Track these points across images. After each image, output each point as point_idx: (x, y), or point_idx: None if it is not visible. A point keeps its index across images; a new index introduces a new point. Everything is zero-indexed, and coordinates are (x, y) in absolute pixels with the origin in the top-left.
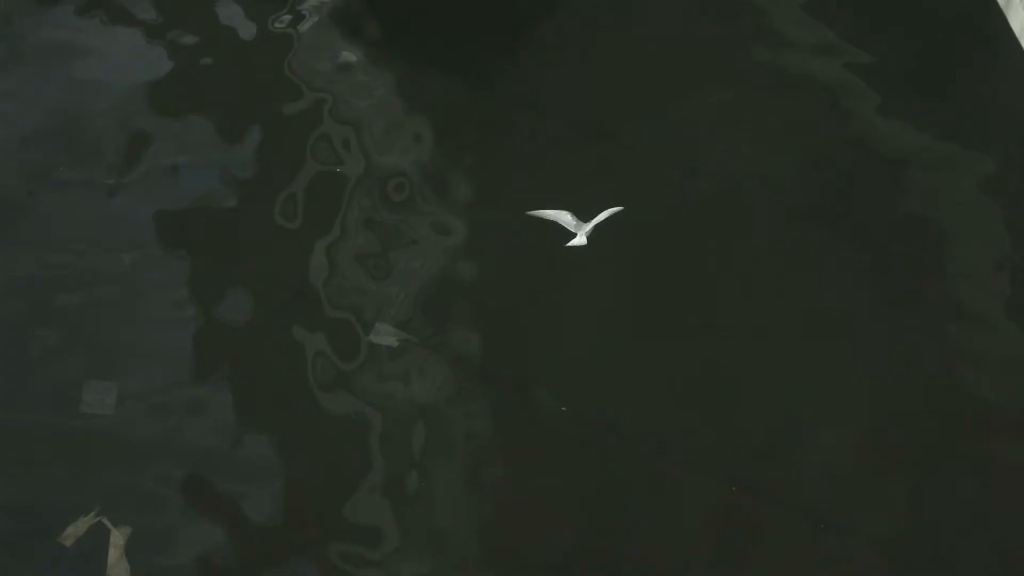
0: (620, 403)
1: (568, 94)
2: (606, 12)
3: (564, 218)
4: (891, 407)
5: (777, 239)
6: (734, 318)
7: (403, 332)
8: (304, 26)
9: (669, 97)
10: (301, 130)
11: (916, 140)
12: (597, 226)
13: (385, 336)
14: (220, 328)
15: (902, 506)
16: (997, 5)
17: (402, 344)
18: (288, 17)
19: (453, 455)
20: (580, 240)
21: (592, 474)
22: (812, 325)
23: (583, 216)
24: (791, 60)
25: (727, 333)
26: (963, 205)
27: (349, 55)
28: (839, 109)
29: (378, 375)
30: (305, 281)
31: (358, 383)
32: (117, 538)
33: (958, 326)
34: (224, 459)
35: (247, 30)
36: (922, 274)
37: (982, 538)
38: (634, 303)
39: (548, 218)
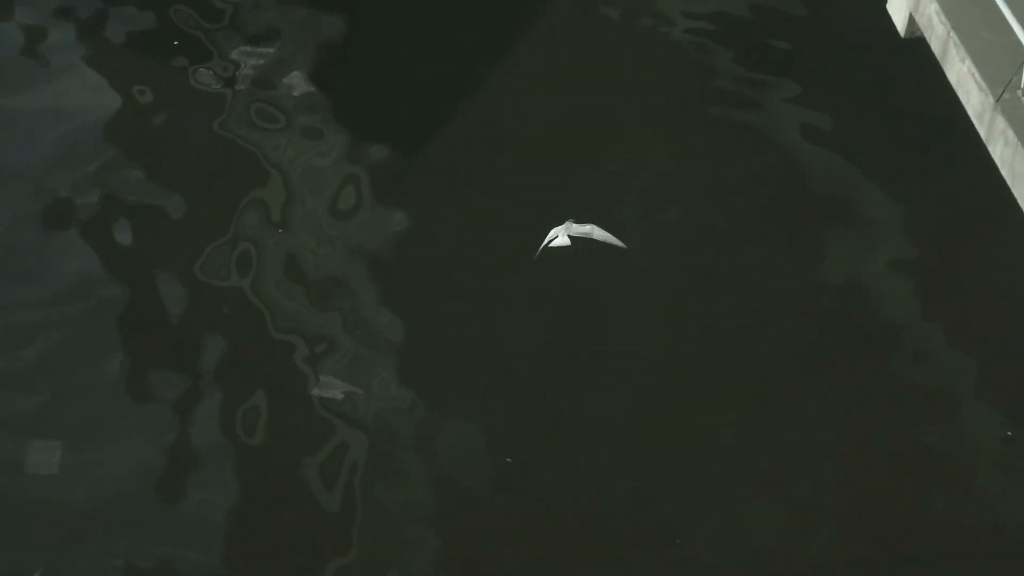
0: (554, 464)
1: (501, 162)
2: (546, 73)
3: (550, 237)
4: (839, 458)
5: (703, 302)
6: (661, 384)
7: (348, 384)
8: (240, 85)
9: (602, 157)
10: (234, 187)
11: (841, 193)
12: (583, 244)
13: (330, 388)
14: (158, 385)
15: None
16: (935, 58)
17: (347, 396)
18: (226, 76)
19: (395, 512)
20: (563, 240)
21: (528, 546)
22: (748, 389)
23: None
24: (726, 116)
25: (658, 400)
26: (888, 259)
27: (285, 114)
28: (765, 168)
29: (321, 429)
30: (246, 337)
31: (300, 438)
32: None
33: (893, 373)
34: (167, 518)
35: (184, 87)
36: (851, 326)
37: None
38: (564, 366)
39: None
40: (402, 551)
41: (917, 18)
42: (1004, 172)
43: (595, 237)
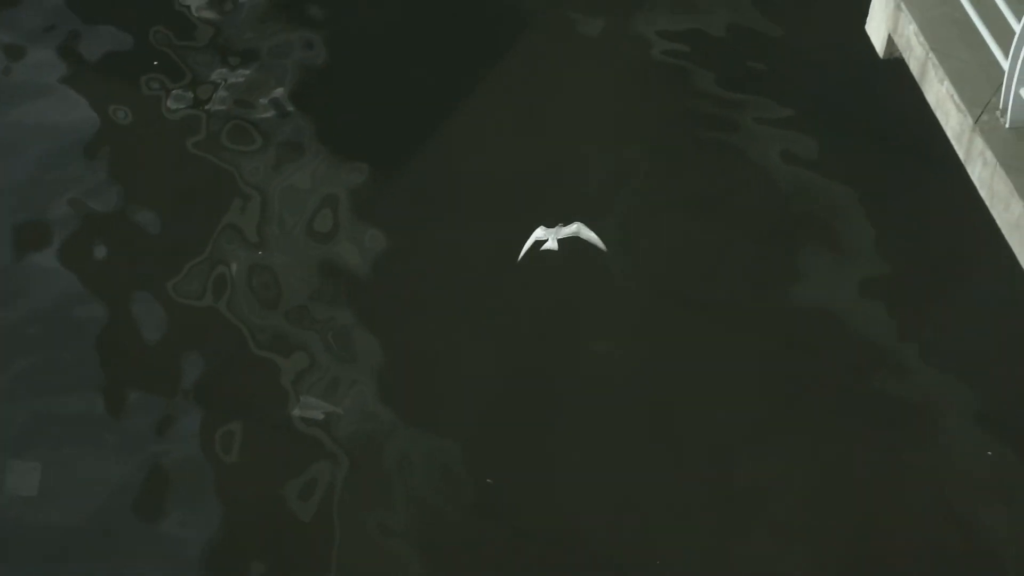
0: (533, 486)
1: (480, 181)
2: (524, 93)
3: (537, 235)
4: (818, 479)
5: (681, 323)
6: (639, 406)
7: (328, 404)
8: (218, 105)
9: (579, 177)
10: (211, 207)
11: (819, 213)
12: (572, 241)
13: (311, 409)
14: (136, 405)
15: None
16: (913, 78)
17: (327, 416)
18: (204, 96)
19: (374, 532)
20: (552, 244)
21: (509, 569)
22: (726, 410)
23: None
24: (703, 136)
25: (636, 422)
26: (865, 279)
27: (262, 134)
28: (742, 188)
29: (301, 449)
30: (224, 358)
31: (279, 458)
32: None
33: (871, 393)
34: (146, 538)
35: (162, 107)
36: (829, 346)
37: None
38: (543, 387)
39: (533, 246)
40: (381, 571)
41: (896, 39)
42: (982, 193)
43: (582, 236)
